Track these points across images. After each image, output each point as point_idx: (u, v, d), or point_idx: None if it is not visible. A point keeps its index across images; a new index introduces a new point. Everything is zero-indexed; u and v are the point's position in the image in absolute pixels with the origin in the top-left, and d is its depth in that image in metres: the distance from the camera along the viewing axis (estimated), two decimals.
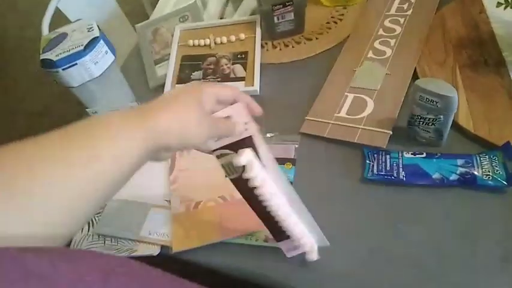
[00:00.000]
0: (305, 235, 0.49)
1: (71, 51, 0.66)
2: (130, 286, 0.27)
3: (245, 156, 0.42)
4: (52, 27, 0.99)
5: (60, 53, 0.66)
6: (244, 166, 0.42)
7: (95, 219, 0.62)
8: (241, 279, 0.54)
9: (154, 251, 0.58)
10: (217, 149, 0.44)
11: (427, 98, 0.54)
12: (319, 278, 0.51)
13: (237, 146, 0.44)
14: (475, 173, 0.54)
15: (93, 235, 0.61)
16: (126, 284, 0.27)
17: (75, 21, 0.74)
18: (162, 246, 0.58)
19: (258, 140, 0.45)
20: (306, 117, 0.68)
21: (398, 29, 0.78)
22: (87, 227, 0.61)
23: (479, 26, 0.73)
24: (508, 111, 0.60)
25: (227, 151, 0.44)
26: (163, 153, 0.41)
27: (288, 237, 0.49)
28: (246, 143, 0.44)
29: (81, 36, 0.68)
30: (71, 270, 0.24)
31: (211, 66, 0.81)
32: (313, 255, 0.50)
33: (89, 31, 0.69)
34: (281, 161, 0.63)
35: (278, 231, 0.49)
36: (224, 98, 0.44)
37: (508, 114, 0.59)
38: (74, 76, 0.67)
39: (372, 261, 0.51)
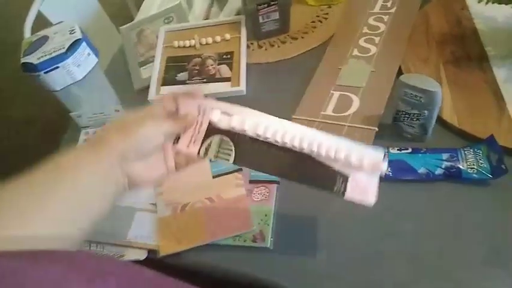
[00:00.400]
0: (353, 153, 0.41)
1: (53, 54, 0.65)
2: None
3: (214, 116, 0.41)
4: (35, 31, 0.98)
5: (42, 56, 0.65)
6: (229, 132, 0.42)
7: None
8: (230, 281, 0.54)
9: (141, 255, 0.57)
10: (198, 152, 0.44)
11: (411, 94, 0.54)
12: (310, 277, 0.51)
13: (208, 133, 0.44)
14: (460, 166, 0.54)
15: None
16: (113, 286, 0.26)
17: (57, 23, 0.72)
18: (149, 250, 0.57)
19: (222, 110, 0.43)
20: (293, 116, 0.68)
21: (382, 27, 0.78)
22: None
23: (462, 22, 0.74)
24: (491, 105, 0.60)
25: (205, 143, 0.44)
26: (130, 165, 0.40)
27: (343, 178, 0.41)
28: (212, 127, 0.43)
29: (63, 39, 0.67)
30: (54, 270, 0.24)
31: (197, 67, 0.80)
32: (382, 165, 0.41)
33: (70, 33, 0.68)
34: None
35: (323, 174, 0.41)
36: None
37: (491, 108, 0.60)
38: (56, 79, 0.66)
39: (362, 258, 0.51)
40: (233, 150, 0.43)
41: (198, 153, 0.44)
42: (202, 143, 0.44)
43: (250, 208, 0.57)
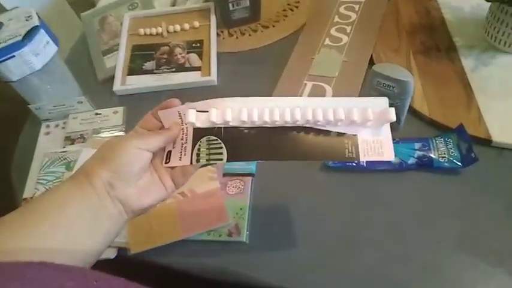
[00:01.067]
0: (354, 107, 0.37)
1: (8, 42, 0.60)
2: None
3: (190, 117, 0.38)
4: None
5: None
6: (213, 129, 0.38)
7: None
8: (206, 276, 0.52)
9: (111, 253, 0.54)
10: (191, 161, 0.40)
11: (384, 83, 0.54)
12: (287, 269, 0.50)
13: (195, 138, 0.40)
14: (432, 155, 0.55)
15: None
16: None
17: (12, 9, 0.67)
18: (119, 248, 0.55)
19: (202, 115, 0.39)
20: None
21: (353, 16, 0.78)
22: None
23: (431, 13, 0.75)
24: (460, 94, 0.61)
25: (195, 150, 0.40)
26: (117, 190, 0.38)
27: (352, 141, 0.37)
28: (197, 130, 0.40)
29: (19, 26, 0.62)
30: None
31: (165, 56, 0.77)
32: (391, 113, 0.37)
33: (27, 20, 0.63)
34: None
35: (336, 143, 0.37)
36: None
37: (460, 98, 0.61)
38: (12, 69, 0.61)
39: (337, 247, 0.51)
40: (223, 147, 0.39)
41: (191, 162, 0.40)
42: (192, 150, 0.40)
43: (224, 202, 0.56)
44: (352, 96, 0.63)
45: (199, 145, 0.40)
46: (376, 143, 0.37)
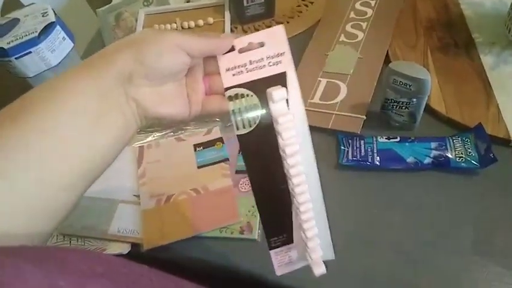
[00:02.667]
0: (316, 238, 0.37)
1: (24, 39, 0.61)
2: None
3: (278, 95, 0.32)
4: (5, 13, 0.92)
5: (12, 41, 0.61)
6: (270, 112, 0.33)
7: None
8: (217, 273, 0.52)
9: (124, 249, 0.55)
10: (231, 87, 0.33)
11: (400, 82, 0.53)
12: (298, 268, 0.50)
13: (260, 85, 0.33)
14: (449, 155, 0.53)
15: (57, 236, 0.57)
16: (106, 287, 0.23)
17: (28, 5, 0.68)
18: (133, 244, 0.55)
19: (292, 83, 0.33)
20: None
21: (369, 12, 0.76)
22: None
23: (449, 8, 0.73)
24: (479, 92, 0.60)
25: (245, 91, 0.33)
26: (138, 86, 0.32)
27: (287, 238, 0.37)
28: (277, 81, 0.33)
29: (35, 22, 0.63)
30: (39, 274, 0.21)
31: None
32: (322, 268, 0.38)
33: (43, 16, 0.64)
34: None
35: (279, 225, 0.37)
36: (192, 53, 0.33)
37: (479, 97, 0.59)
38: (29, 66, 0.62)
39: (349, 247, 0.51)
40: (247, 127, 0.33)
41: (227, 89, 0.33)
42: (240, 85, 0.33)
43: (237, 199, 0.56)
44: (366, 95, 0.62)
45: (247, 95, 0.33)
46: (289, 259, 0.39)
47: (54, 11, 0.65)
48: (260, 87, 0.33)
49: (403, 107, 0.56)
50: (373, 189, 0.55)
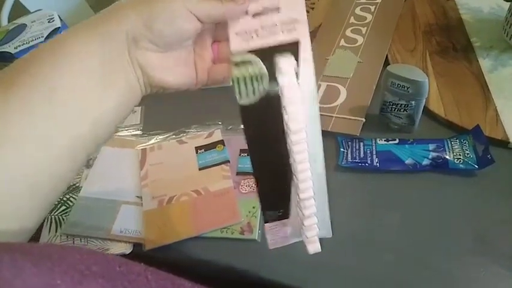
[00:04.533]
0: (313, 217, 0.36)
1: (31, 43, 0.62)
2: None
3: (285, 64, 0.30)
4: (13, 19, 0.94)
5: (19, 45, 0.62)
6: (276, 83, 0.30)
7: (63, 219, 0.59)
8: (218, 273, 0.53)
9: (127, 249, 0.56)
10: (239, 53, 0.30)
11: (398, 84, 0.54)
12: (298, 269, 0.51)
13: (270, 53, 0.31)
14: (447, 157, 0.54)
15: (61, 235, 0.58)
16: (103, 286, 0.24)
17: (35, 11, 0.70)
18: (135, 244, 0.56)
19: (306, 55, 0.31)
20: None
21: (369, 17, 0.77)
22: (54, 227, 0.58)
23: (448, 13, 0.74)
24: (477, 95, 0.61)
25: (253, 57, 0.30)
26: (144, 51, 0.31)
27: (283, 214, 0.36)
28: (289, 51, 0.31)
29: (41, 28, 0.65)
30: (37, 272, 0.21)
31: None
32: (316, 246, 0.38)
33: (49, 22, 0.66)
34: None
35: (277, 200, 0.36)
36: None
37: (477, 99, 0.60)
38: None
39: (348, 248, 0.51)
40: (252, 97, 0.31)
41: (234, 54, 0.30)
42: (248, 51, 0.30)
43: (237, 200, 0.57)
44: (365, 98, 0.63)
45: (258, 65, 0.30)
46: (284, 235, 0.39)
47: (59, 17, 0.67)
48: (270, 55, 0.30)
49: (402, 110, 0.57)
50: (372, 191, 0.56)
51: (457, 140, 0.55)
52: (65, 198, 0.60)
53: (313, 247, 0.37)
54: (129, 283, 0.25)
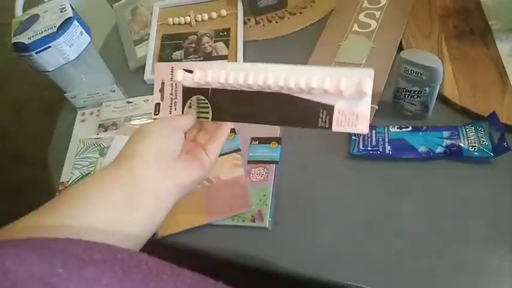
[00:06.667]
0: (335, 77, 0.37)
1: (44, 34, 0.63)
2: (108, 274, 0.25)
3: (178, 76, 0.41)
4: (27, 9, 0.95)
5: (33, 36, 0.63)
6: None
7: None
8: (229, 260, 0.54)
9: None
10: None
11: (411, 70, 0.53)
12: (306, 256, 0.51)
13: (186, 95, 0.42)
14: (461, 144, 0.53)
15: None
16: (104, 272, 0.25)
17: (47, 1, 0.70)
18: None
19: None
20: None
21: (383, 1, 0.75)
22: None
23: None
24: (494, 81, 0.59)
25: (186, 105, 0.43)
26: None
27: (327, 111, 0.37)
28: (187, 88, 0.42)
29: (54, 18, 0.65)
30: (38, 261, 0.22)
31: (193, 45, 0.78)
32: (365, 87, 0.36)
33: (61, 12, 0.66)
34: (266, 140, 0.62)
35: (311, 111, 0.38)
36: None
37: (494, 85, 0.58)
38: (49, 60, 0.65)
39: (361, 236, 0.51)
40: (209, 106, 0.42)
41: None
42: (183, 106, 0.43)
43: (248, 188, 0.57)
44: (379, 85, 0.62)
45: (190, 102, 0.42)
46: (351, 115, 0.37)
47: (71, 7, 0.67)
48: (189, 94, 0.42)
49: (415, 96, 0.56)
50: (385, 179, 0.55)
51: (472, 128, 0.54)
52: None
53: (366, 86, 0.36)
54: (128, 268, 0.26)
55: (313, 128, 0.38)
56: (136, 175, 0.36)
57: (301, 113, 0.38)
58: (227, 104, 0.41)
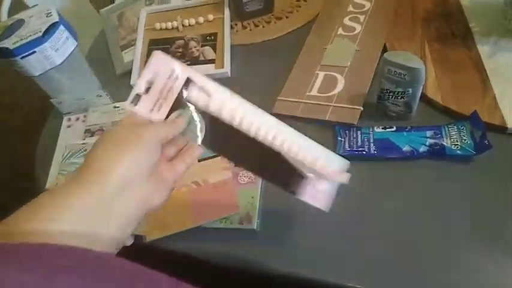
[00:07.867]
0: (320, 158, 0.42)
1: (29, 39, 0.63)
2: (79, 283, 0.24)
3: (192, 92, 0.39)
4: (13, 14, 0.94)
5: (18, 41, 0.63)
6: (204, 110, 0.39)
7: None
8: (218, 263, 0.54)
9: (128, 240, 0.56)
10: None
11: (395, 71, 0.54)
12: (296, 257, 0.51)
13: (177, 103, 0.39)
14: (444, 143, 0.54)
15: None
16: (73, 283, 0.24)
17: (32, 6, 0.70)
18: (136, 236, 0.57)
19: (198, 80, 0.40)
20: (278, 98, 0.67)
21: (367, 5, 0.77)
22: None
23: None
24: (475, 81, 0.60)
25: (176, 113, 0.40)
26: None
27: (299, 178, 0.41)
28: (185, 99, 0.40)
29: (39, 22, 0.65)
30: (3, 271, 0.22)
31: (180, 50, 0.79)
32: (344, 176, 0.43)
33: (47, 16, 0.66)
34: None
35: (286, 172, 0.41)
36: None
37: (475, 85, 0.60)
38: (34, 65, 0.64)
39: (348, 236, 0.51)
40: (202, 131, 0.40)
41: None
42: (170, 111, 0.39)
43: (236, 191, 0.57)
44: (363, 87, 0.63)
45: (180, 113, 0.39)
46: (319, 193, 0.42)
47: (58, 12, 0.67)
48: (181, 104, 0.39)
49: (399, 97, 0.57)
50: (370, 179, 0.56)
51: (455, 127, 0.55)
52: None
53: (342, 178, 0.43)
54: (101, 275, 0.25)
55: (281, 189, 0.42)
56: (108, 197, 0.33)
57: (282, 174, 0.42)
58: (220, 138, 0.40)
